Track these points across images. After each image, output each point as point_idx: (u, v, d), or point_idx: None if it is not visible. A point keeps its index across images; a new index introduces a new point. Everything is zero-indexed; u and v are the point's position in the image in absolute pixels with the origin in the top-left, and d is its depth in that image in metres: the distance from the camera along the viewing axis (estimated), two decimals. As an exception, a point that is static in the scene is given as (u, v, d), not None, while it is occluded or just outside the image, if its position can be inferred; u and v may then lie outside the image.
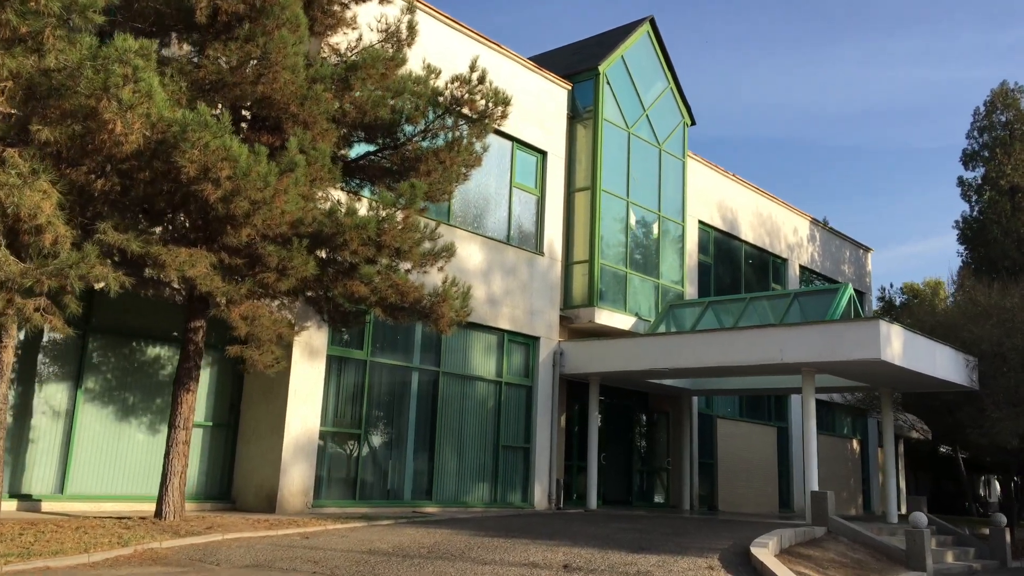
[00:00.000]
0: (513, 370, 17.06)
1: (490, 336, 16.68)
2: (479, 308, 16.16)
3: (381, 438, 14.63)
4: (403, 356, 15.06)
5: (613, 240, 18.99)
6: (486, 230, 16.78)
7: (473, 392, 16.22)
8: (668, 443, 21.26)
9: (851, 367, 14.48)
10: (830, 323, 14.22)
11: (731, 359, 15.16)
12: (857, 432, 28.88)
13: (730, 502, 22.21)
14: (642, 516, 15.79)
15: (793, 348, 14.46)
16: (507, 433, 16.69)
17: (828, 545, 12.93)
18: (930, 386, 16.46)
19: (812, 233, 27.24)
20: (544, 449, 17.12)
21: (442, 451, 15.40)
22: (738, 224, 24.03)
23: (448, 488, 15.44)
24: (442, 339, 15.60)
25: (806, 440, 14.96)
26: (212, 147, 7.86)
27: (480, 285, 16.26)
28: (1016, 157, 25.33)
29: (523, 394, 17.18)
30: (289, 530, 10.88)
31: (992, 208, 25.21)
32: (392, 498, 14.58)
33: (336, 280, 10.94)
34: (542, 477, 16.98)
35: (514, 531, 11.96)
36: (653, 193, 20.36)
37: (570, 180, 19.05)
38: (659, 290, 19.96)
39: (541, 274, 17.67)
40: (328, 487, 13.63)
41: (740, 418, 23.42)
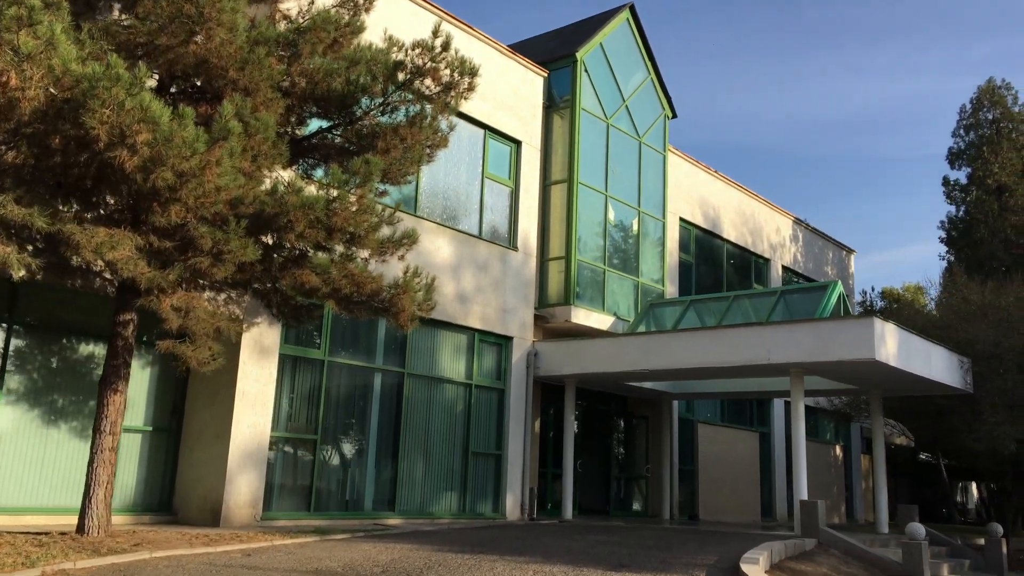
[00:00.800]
0: (484, 372, 16.04)
1: (459, 335, 15.65)
2: (448, 305, 15.13)
3: (340, 445, 13.54)
4: (365, 356, 13.99)
5: (591, 236, 18.05)
6: (456, 223, 15.77)
7: (441, 395, 15.18)
8: (647, 449, 20.32)
9: (843, 368, 13.60)
10: (821, 321, 13.35)
11: (715, 360, 14.25)
12: (840, 438, 28.13)
13: (711, 510, 21.31)
14: (620, 527, 14.81)
15: (781, 348, 13.57)
16: (477, 439, 15.66)
17: (820, 559, 12.01)
18: (923, 389, 15.64)
19: (795, 233, 26.49)
20: (517, 456, 16.10)
21: (407, 459, 14.34)
22: (720, 222, 23.19)
23: (413, 498, 14.37)
24: (408, 339, 14.55)
25: (794, 446, 14.07)
26: (127, 106, 6.79)
27: (449, 281, 15.23)
28: (1004, 156, 24.73)
29: (495, 397, 16.17)
30: (230, 546, 9.78)
31: (978, 208, 24.59)
32: (351, 509, 13.49)
33: (284, 269, 9.87)
34: (514, 486, 15.95)
35: (481, 546, 10.93)
36: (633, 188, 19.45)
37: (546, 172, 18.09)
38: (639, 289, 19.03)
39: (515, 270, 16.68)
40: (280, 498, 12.52)
41: (721, 423, 22.54)
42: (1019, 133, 25.18)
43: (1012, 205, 24.10)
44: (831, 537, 12.91)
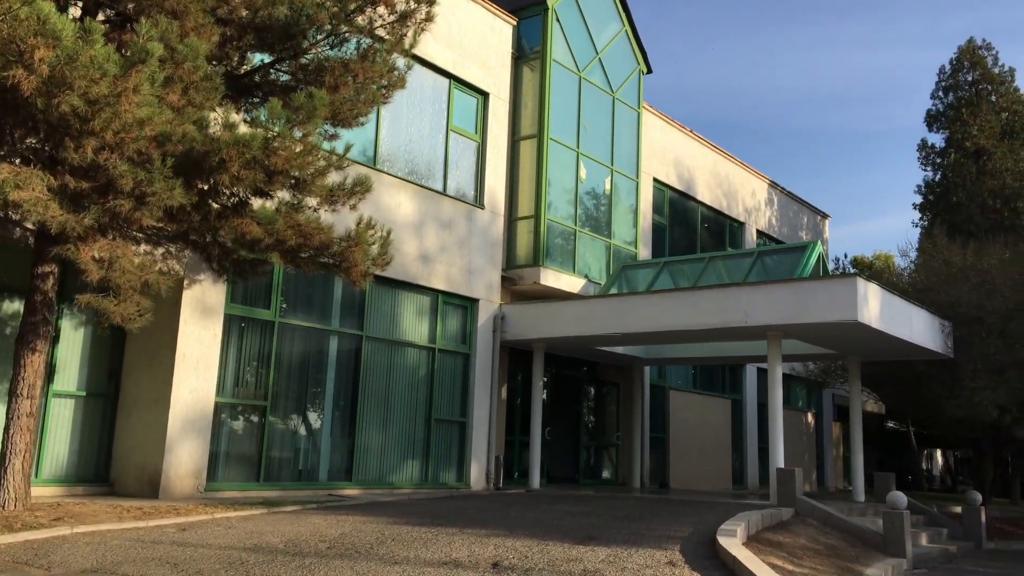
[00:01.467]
0: (448, 335, 15.26)
1: (422, 297, 14.82)
2: (410, 265, 14.29)
3: (292, 411, 12.71)
4: (319, 317, 13.13)
5: (561, 195, 17.24)
6: (419, 178, 14.87)
7: (402, 359, 14.38)
8: (618, 417, 19.74)
9: (823, 331, 13.00)
10: (801, 281, 12.71)
11: (690, 322, 13.58)
12: (812, 405, 27.82)
13: (682, 479, 20.84)
14: (590, 496, 14.20)
15: (759, 309, 12.92)
16: (441, 406, 14.91)
17: (797, 529, 11.47)
18: (903, 353, 15.13)
19: (770, 196, 25.88)
20: (482, 423, 15.39)
21: (365, 426, 13.56)
22: (695, 184, 22.48)
23: (371, 467, 13.61)
24: (367, 300, 13.70)
25: (771, 413, 13.49)
26: (21, 17, 5.83)
27: (411, 239, 14.37)
28: (983, 118, 24.22)
29: (459, 362, 15.40)
30: (165, 520, 8.96)
31: (956, 171, 24.10)
32: (305, 480, 12.71)
33: (223, 219, 8.97)
34: (479, 454, 15.26)
35: (442, 517, 10.22)
36: (606, 145, 18.63)
37: (515, 127, 17.20)
38: (611, 251, 18.30)
39: (481, 229, 15.84)
40: (226, 468, 11.69)
41: (693, 390, 22.02)
42: (999, 95, 24.70)
43: (990, 168, 23.65)
44: (808, 506, 12.39)
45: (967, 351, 15.47)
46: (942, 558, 13.15)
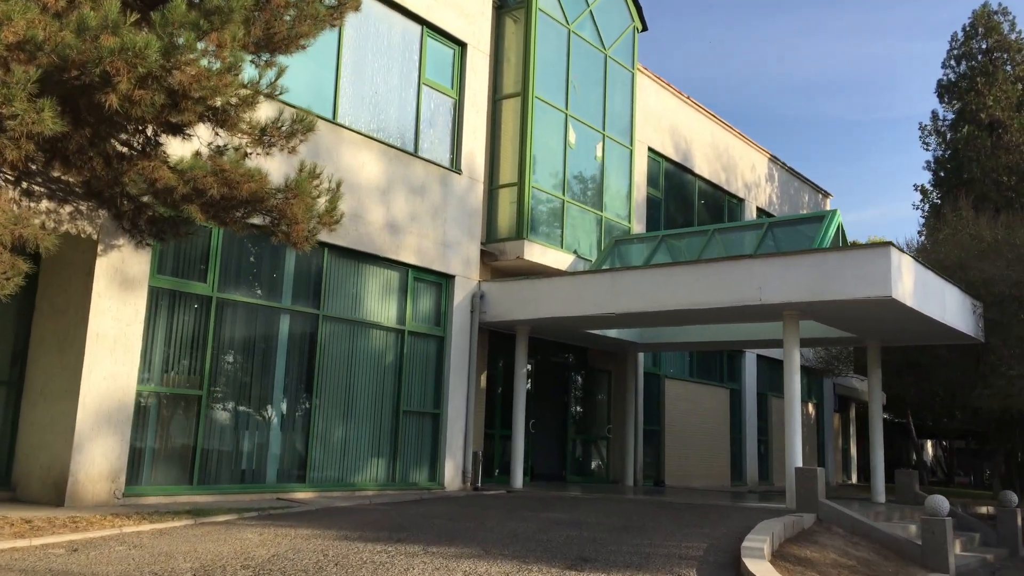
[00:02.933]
0: (420, 316, 13.48)
1: (390, 272, 13.04)
2: (375, 235, 12.50)
3: (234, 402, 10.91)
4: (268, 293, 11.32)
5: (548, 161, 15.47)
6: (387, 136, 13.05)
7: (366, 343, 12.60)
8: (609, 407, 18.05)
9: (849, 309, 11.33)
10: (825, 252, 11.02)
11: (694, 300, 11.88)
12: (812, 395, 26.27)
13: (678, 475, 19.20)
14: (579, 499, 12.51)
15: (775, 285, 11.24)
16: (411, 395, 13.16)
17: (823, 540, 9.82)
18: (931, 336, 13.52)
19: (771, 172, 24.22)
20: (458, 415, 13.65)
21: (322, 419, 11.79)
22: (692, 156, 20.77)
23: (329, 467, 11.85)
24: (324, 273, 11.90)
25: (788, 405, 11.82)
26: None
27: (377, 206, 12.58)
28: (999, 88, 22.65)
29: (433, 346, 13.64)
30: (56, 537, 7.18)
31: (970, 145, 22.51)
32: (250, 481, 10.92)
33: (128, 161, 7.16)
34: (455, 450, 13.53)
35: (404, 530, 8.48)
36: (597, 108, 16.86)
37: (496, 84, 15.40)
38: (602, 225, 16.56)
39: (458, 197, 14.05)
40: (152, 469, 9.89)
41: (690, 378, 20.37)
42: (1015, 64, 23.11)
43: (1007, 142, 22.10)
44: (832, 512, 10.74)
45: (1000, 334, 13.87)
46: (981, 568, 11.54)
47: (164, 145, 7.61)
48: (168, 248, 10.02)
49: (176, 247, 10.13)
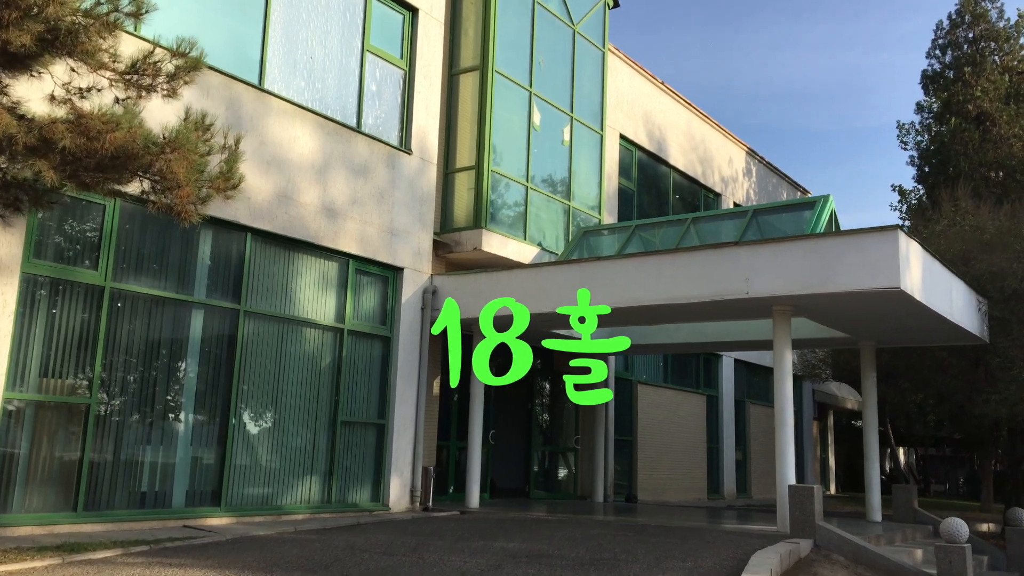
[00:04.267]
0: (363, 313, 11.89)
1: (327, 263, 11.43)
2: (309, 220, 10.91)
3: (132, 412, 9.22)
4: (176, 283, 9.66)
5: (510, 144, 13.97)
6: (324, 107, 11.46)
7: (298, 344, 10.98)
8: (578, 416, 16.55)
9: (849, 304, 9.92)
10: (822, 238, 9.61)
11: (672, 294, 10.42)
12: (791, 402, 24.94)
13: (652, 489, 17.75)
14: (542, 520, 10.97)
15: (765, 276, 9.81)
16: (351, 404, 11.55)
17: (824, 571, 8.37)
18: (934, 336, 12.20)
19: (748, 166, 22.94)
20: (406, 426, 12.07)
21: (242, 431, 10.14)
22: (667, 146, 19.39)
23: (251, 487, 10.19)
24: (247, 262, 10.27)
25: (779, 414, 10.39)
26: None
27: (311, 185, 10.98)
28: (986, 79, 21.57)
29: (377, 348, 12.05)
30: None
31: (957, 138, 21.39)
32: (152, 506, 9.24)
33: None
34: (402, 466, 11.93)
35: (324, 569, 6.89)
36: (565, 88, 15.40)
37: (453, 56, 13.88)
38: (569, 215, 15.08)
39: (407, 180, 12.49)
40: (25, 494, 8.18)
41: (664, 384, 18.95)
42: (1003, 53, 22.07)
43: (995, 135, 21.02)
44: (831, 536, 9.31)
45: (1007, 333, 12.59)
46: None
47: (8, 85, 5.97)
48: (48, 227, 8.35)
49: (58, 226, 8.46)
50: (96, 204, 8.74)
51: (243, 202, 10.07)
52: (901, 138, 26.10)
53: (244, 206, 10.10)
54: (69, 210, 8.51)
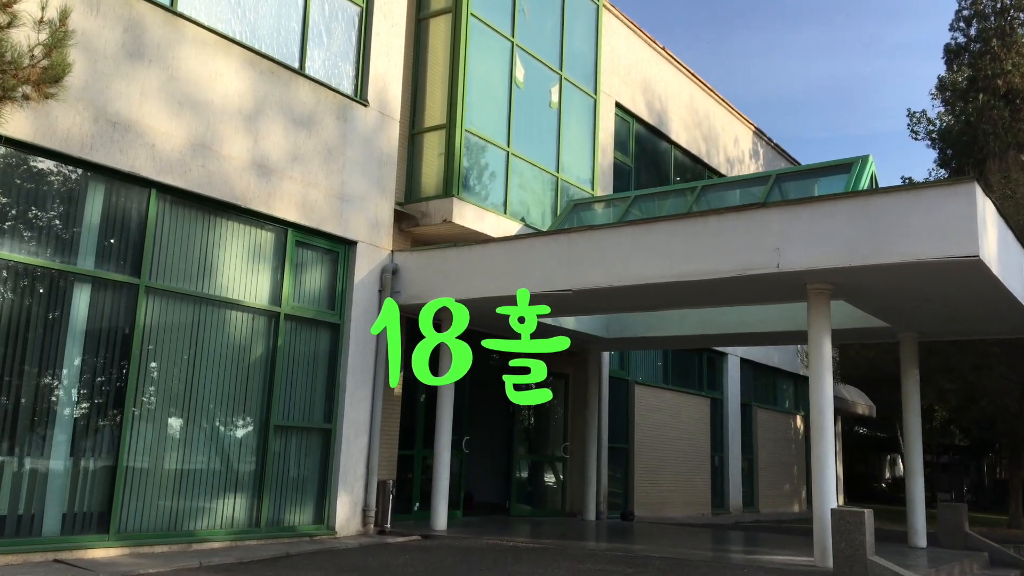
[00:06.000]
0: (306, 295, 9.81)
1: (258, 231, 9.36)
2: (235, 177, 8.85)
3: (-12, 412, 7.12)
4: (53, 249, 7.56)
5: (489, 100, 11.93)
6: (257, 41, 9.39)
7: (219, 329, 8.89)
8: (566, 420, 14.48)
9: (906, 278, 7.89)
10: (875, 195, 7.57)
11: (684, 270, 8.39)
12: (800, 406, 23.02)
13: (650, 503, 15.71)
14: (521, 549, 8.91)
15: (801, 245, 7.79)
16: (289, 404, 9.46)
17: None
18: (990, 326, 10.19)
19: (755, 147, 20.97)
20: (359, 431, 9.99)
21: (142, 437, 8.04)
22: (668, 119, 17.39)
23: (152, 508, 8.08)
24: (149, 225, 8.19)
25: (818, 417, 8.35)
26: None
27: (238, 135, 8.91)
28: (1017, 51, 19.70)
29: (324, 337, 9.98)
30: None
31: (985, 116, 19.48)
32: (15, 535, 7.12)
33: None
34: (352, 480, 9.85)
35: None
36: (553, 42, 13.38)
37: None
38: (558, 189, 13.05)
39: (363, 137, 10.43)
40: None
41: (665, 385, 16.91)
42: (1037, 22, 20.16)
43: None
44: (883, 572, 7.27)
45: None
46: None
47: None
48: None
49: None
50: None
51: (144, 149, 8.01)
52: (912, 127, 24.25)
53: (146, 154, 8.03)
54: None
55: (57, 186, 7.59)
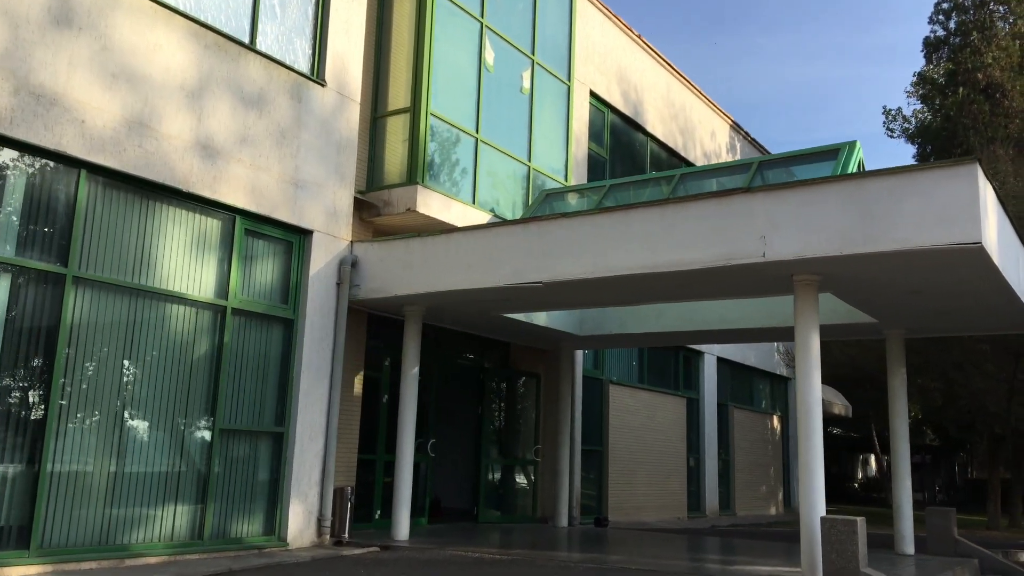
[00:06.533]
0: (255, 287, 9.09)
1: (203, 218, 8.62)
2: (176, 158, 8.12)
3: None
4: (-34, 234, 6.80)
5: (456, 84, 11.28)
6: (201, 12, 8.65)
7: (158, 325, 8.15)
8: (538, 422, 13.86)
9: (901, 268, 7.36)
10: (869, 178, 7.03)
11: (664, 260, 7.79)
12: (777, 406, 22.62)
13: (625, 507, 15.14)
14: (487, 562, 8.26)
15: (789, 233, 7.23)
16: (236, 406, 8.74)
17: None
18: (983, 322, 9.72)
19: (732, 142, 20.51)
20: (314, 435, 9.29)
21: (69, 441, 7.28)
22: (643, 110, 16.84)
23: (80, 520, 7.33)
24: (78, 209, 7.44)
25: (805, 417, 7.79)
26: None
27: (180, 113, 8.18)
28: (996, 45, 19.42)
29: (275, 334, 9.26)
30: None
31: (965, 111, 19.17)
32: (-87, 552, 6.36)
33: None
34: (306, 487, 9.14)
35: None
36: (525, 24, 12.76)
37: (383, -27, 11.18)
38: (530, 178, 12.43)
39: (320, 119, 9.73)
40: None
41: (640, 385, 16.35)
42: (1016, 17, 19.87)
43: (1007, 108, 18.86)
44: (881, 588, 6.72)
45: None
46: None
47: None
48: None
49: None
50: None
51: (72, 125, 7.27)
52: (888, 125, 23.97)
53: (75, 131, 7.29)
54: None
55: (11, 170, 6.83)
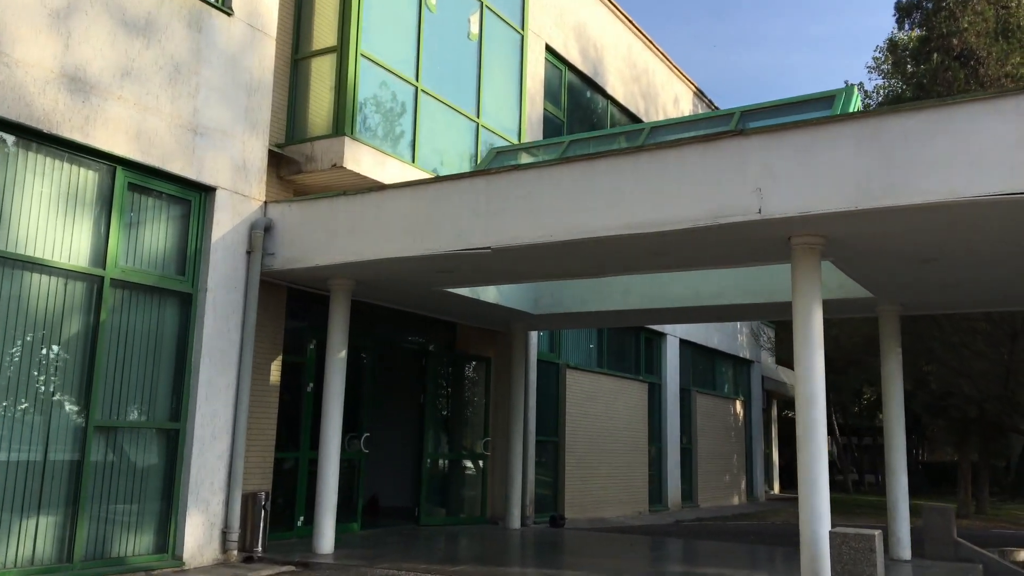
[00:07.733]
0: (143, 255, 7.50)
1: (72, 167, 7.00)
2: (36, 91, 6.50)
3: None
4: None
5: (393, 24, 9.75)
6: (70, -85, 6.99)
7: (14, 298, 6.54)
8: (488, 411, 12.46)
9: (925, 227, 6.10)
10: (889, 115, 5.74)
11: (639, 220, 6.43)
12: (740, 391, 21.61)
13: (583, 503, 13.87)
14: (423, 573, 6.86)
15: (789, 184, 5.92)
16: (118, 397, 7.16)
17: None
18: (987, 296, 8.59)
19: (696, 109, 19.29)
20: (217, 432, 7.75)
21: None
22: (603, 70, 15.46)
23: None
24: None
25: (807, 405, 6.51)
26: None
27: (41, 36, 6.54)
28: (972, 10, 18.53)
29: (169, 310, 7.68)
30: None
31: (939, 79, 18.29)
32: None
33: None
34: (208, 494, 7.61)
35: None
36: (472, -37, 11.26)
37: None
38: (478, 136, 10.97)
39: (226, 55, 8.13)
40: None
41: (599, 369, 15.07)
42: (994, -20, 19.02)
43: (982, 75, 18.00)
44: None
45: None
46: None
47: None
48: None
49: None
50: None
51: None
52: (898, 62, 22.75)
53: None
54: None
55: None
